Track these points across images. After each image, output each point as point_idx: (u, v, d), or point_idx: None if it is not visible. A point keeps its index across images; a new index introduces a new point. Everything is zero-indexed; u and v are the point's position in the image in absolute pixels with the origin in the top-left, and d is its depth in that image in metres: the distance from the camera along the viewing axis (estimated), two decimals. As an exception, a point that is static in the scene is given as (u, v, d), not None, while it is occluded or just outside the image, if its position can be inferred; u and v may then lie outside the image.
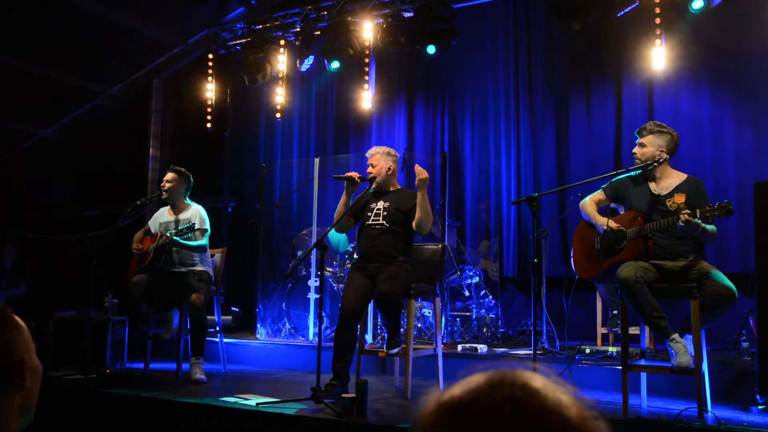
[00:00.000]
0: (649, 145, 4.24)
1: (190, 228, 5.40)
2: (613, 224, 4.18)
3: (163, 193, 5.71)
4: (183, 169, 5.80)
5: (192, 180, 5.85)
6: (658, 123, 4.37)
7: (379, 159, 4.85)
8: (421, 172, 4.55)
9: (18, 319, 1.34)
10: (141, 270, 5.56)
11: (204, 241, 5.65)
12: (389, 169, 4.86)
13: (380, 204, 4.81)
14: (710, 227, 3.94)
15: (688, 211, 3.84)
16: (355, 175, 4.79)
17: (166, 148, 9.02)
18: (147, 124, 9.05)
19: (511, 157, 7.56)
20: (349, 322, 4.62)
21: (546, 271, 6.39)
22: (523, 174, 7.49)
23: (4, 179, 9.67)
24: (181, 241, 5.47)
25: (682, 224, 3.84)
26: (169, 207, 5.84)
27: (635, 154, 4.29)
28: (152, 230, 5.81)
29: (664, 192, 4.20)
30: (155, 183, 8.86)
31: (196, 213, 5.73)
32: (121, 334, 6.15)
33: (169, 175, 5.75)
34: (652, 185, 4.26)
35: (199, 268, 5.66)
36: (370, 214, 4.82)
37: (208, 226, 5.69)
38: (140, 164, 8.95)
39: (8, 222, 9.06)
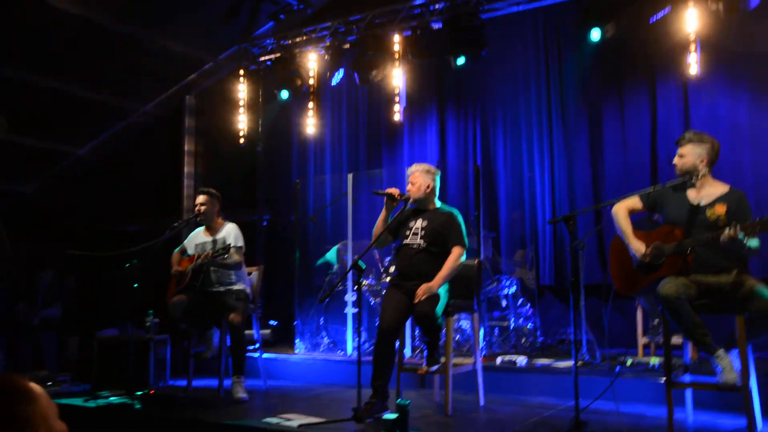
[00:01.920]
0: (689, 155, 4.18)
1: (227, 249, 5.48)
2: (645, 252, 4.12)
3: (199, 216, 5.80)
4: (213, 190, 5.91)
5: (221, 198, 5.94)
6: (697, 132, 4.30)
7: (418, 177, 4.87)
8: (420, 295, 4.50)
9: (32, 387, 1.35)
10: (180, 291, 5.66)
11: (240, 258, 5.74)
12: (428, 186, 4.88)
13: (418, 223, 4.84)
14: (754, 243, 3.88)
15: (730, 230, 3.79)
16: (395, 191, 4.82)
17: (200, 164, 9.16)
18: (181, 140, 9.21)
19: (545, 166, 7.52)
20: (387, 340, 4.65)
21: (584, 279, 6.35)
22: (557, 183, 7.45)
23: (43, 198, 9.90)
24: (218, 260, 5.56)
25: (725, 241, 3.80)
26: (204, 228, 5.93)
27: (675, 165, 4.22)
28: (189, 251, 5.91)
29: (704, 202, 4.13)
30: (191, 198, 9.00)
31: (230, 231, 5.82)
32: (163, 353, 6.27)
33: (201, 198, 5.84)
34: (691, 194, 4.20)
35: (236, 287, 5.75)
36: (408, 232, 4.85)
37: (242, 243, 5.77)
38: (175, 180, 9.10)
39: (48, 240, 9.26)
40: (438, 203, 4.97)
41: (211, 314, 5.71)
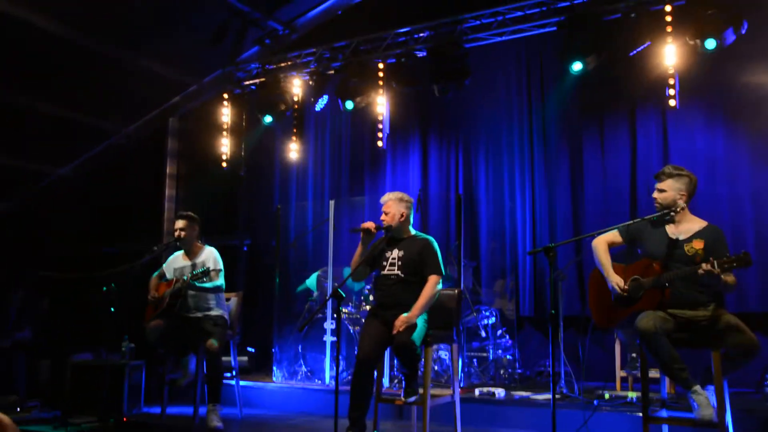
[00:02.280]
0: (669, 190, 4.22)
1: (206, 272, 5.43)
2: (623, 286, 4.15)
3: (179, 241, 5.76)
4: (192, 214, 5.85)
5: (201, 222, 5.90)
6: (676, 166, 4.32)
7: (392, 206, 4.86)
8: (399, 326, 4.49)
9: None
10: (157, 315, 5.59)
11: (219, 281, 5.67)
12: (402, 215, 4.86)
13: (395, 252, 4.82)
14: (731, 278, 3.91)
15: (707, 266, 3.82)
16: (371, 225, 4.80)
17: (182, 187, 9.11)
18: (163, 163, 9.15)
19: (526, 195, 7.58)
20: (365, 370, 4.60)
21: (563, 311, 6.35)
22: (538, 213, 7.50)
23: (20, 218, 9.78)
24: (197, 284, 5.51)
25: (703, 275, 3.83)
26: (182, 252, 5.88)
27: (656, 199, 4.24)
28: (167, 276, 5.85)
29: (683, 237, 4.16)
30: (171, 221, 8.91)
31: (209, 255, 5.77)
32: (138, 378, 6.16)
33: (181, 223, 5.79)
34: (669, 229, 4.24)
35: (214, 312, 5.68)
36: (385, 263, 4.83)
37: (221, 266, 5.72)
38: (156, 202, 9.03)
39: (23, 261, 9.13)
40: (413, 231, 4.95)
41: (187, 340, 5.63)
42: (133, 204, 9.15)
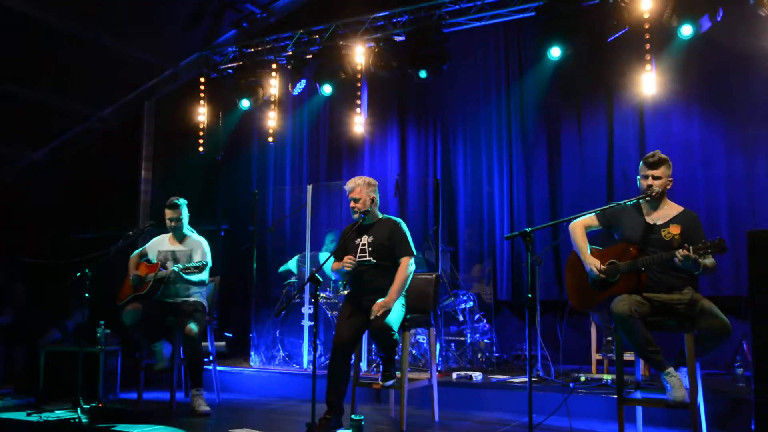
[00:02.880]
0: (663, 177, 4.22)
1: (200, 267, 5.42)
2: (600, 267, 4.18)
3: (172, 229, 5.71)
4: (181, 200, 5.79)
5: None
6: (662, 153, 4.34)
7: (361, 191, 4.79)
8: (376, 311, 4.49)
9: None
10: (136, 298, 5.53)
11: (205, 275, 5.65)
12: (372, 200, 4.82)
13: (364, 239, 4.79)
14: (710, 261, 3.96)
15: (683, 252, 3.85)
16: (350, 262, 4.70)
17: (158, 172, 9.00)
18: (139, 147, 9.05)
19: (504, 180, 7.61)
20: (342, 355, 4.61)
21: (540, 295, 6.40)
22: (516, 198, 7.53)
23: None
24: (185, 276, 5.48)
25: (679, 261, 3.87)
26: (170, 235, 5.81)
27: (652, 186, 4.19)
28: (150, 257, 5.77)
29: (660, 221, 4.20)
30: (147, 206, 8.85)
31: (198, 246, 5.73)
32: (114, 364, 6.12)
33: (172, 212, 5.72)
34: (647, 214, 4.27)
35: (193, 298, 5.66)
36: (356, 250, 4.81)
37: (209, 259, 5.68)
38: (132, 187, 8.92)
39: (-3, 246, 9.01)
40: (380, 214, 4.92)
41: (162, 325, 5.59)
42: (109, 189, 9.04)
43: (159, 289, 5.54)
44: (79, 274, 5.23)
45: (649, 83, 6.23)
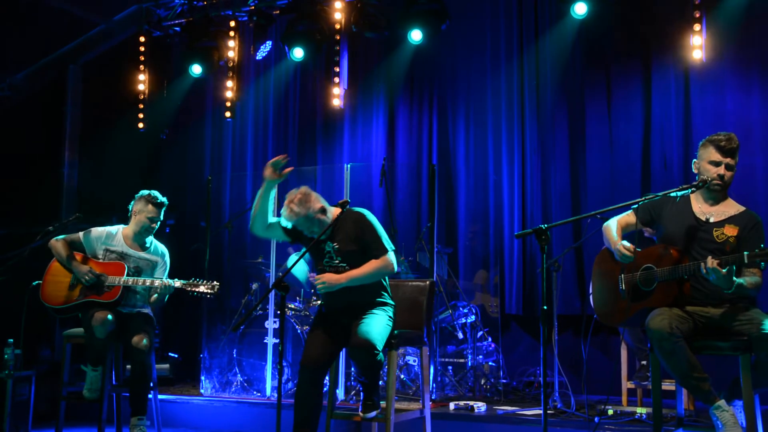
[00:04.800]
0: (735, 167, 4.17)
1: (201, 288, 5.43)
2: (629, 246, 4.14)
3: (144, 230, 5.65)
4: (166, 201, 5.76)
5: None
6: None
7: (306, 213, 4.59)
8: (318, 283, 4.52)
9: None
10: (96, 305, 5.41)
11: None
12: (321, 209, 4.63)
13: (329, 246, 4.70)
14: (752, 278, 3.94)
15: (714, 261, 3.82)
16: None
17: (86, 153, 8.89)
18: (61, 122, 8.91)
19: (515, 167, 7.58)
20: (311, 379, 4.56)
21: (558, 309, 6.38)
22: (529, 189, 7.51)
23: None
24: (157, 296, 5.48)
25: (705, 272, 3.85)
26: (126, 234, 5.69)
27: (724, 176, 4.12)
28: (96, 253, 5.63)
29: (714, 219, 4.16)
30: (72, 194, 8.72)
31: (163, 263, 5.75)
32: (26, 393, 6.00)
33: (158, 210, 5.66)
34: (697, 208, 4.23)
35: (144, 310, 5.66)
36: (326, 259, 4.71)
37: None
38: (53, 171, 8.80)
39: None
40: (330, 208, 4.72)
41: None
42: (22, 173, 8.89)
43: (124, 298, 5.51)
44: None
45: (697, 46, 6.19)
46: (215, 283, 5.48)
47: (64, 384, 5.66)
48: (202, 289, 5.44)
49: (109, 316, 5.31)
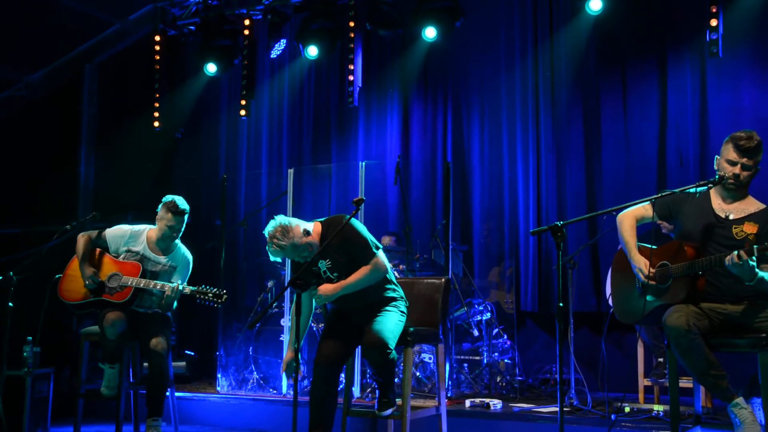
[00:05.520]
0: (754, 166, 4.15)
1: (209, 296, 5.39)
2: (650, 269, 4.14)
3: (165, 237, 5.60)
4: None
5: None
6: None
7: (292, 242, 4.52)
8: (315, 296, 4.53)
9: None
10: (108, 304, 5.42)
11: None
12: (307, 244, 4.58)
13: (322, 264, 4.69)
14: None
15: (745, 252, 3.77)
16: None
17: (102, 152, 8.94)
18: (78, 121, 8.97)
19: (530, 164, 7.58)
20: (326, 378, 4.56)
21: (573, 306, 6.36)
22: (544, 186, 7.51)
23: None
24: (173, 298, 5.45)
25: (730, 263, 3.81)
26: (150, 235, 5.66)
27: (739, 176, 4.10)
28: (119, 252, 5.63)
29: (734, 216, 4.14)
30: (89, 193, 8.78)
31: (185, 266, 5.72)
32: (44, 391, 6.04)
33: (176, 218, 5.56)
34: (717, 205, 4.21)
35: (160, 310, 5.65)
36: (322, 278, 4.68)
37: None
38: (69, 171, 8.85)
39: None
40: (311, 225, 4.67)
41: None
42: (39, 173, 8.95)
43: (137, 298, 5.50)
44: (0, 278, 5.17)
45: (713, 42, 6.15)
46: (224, 293, 5.41)
47: (82, 381, 5.68)
48: (210, 297, 5.40)
49: (120, 318, 5.32)
